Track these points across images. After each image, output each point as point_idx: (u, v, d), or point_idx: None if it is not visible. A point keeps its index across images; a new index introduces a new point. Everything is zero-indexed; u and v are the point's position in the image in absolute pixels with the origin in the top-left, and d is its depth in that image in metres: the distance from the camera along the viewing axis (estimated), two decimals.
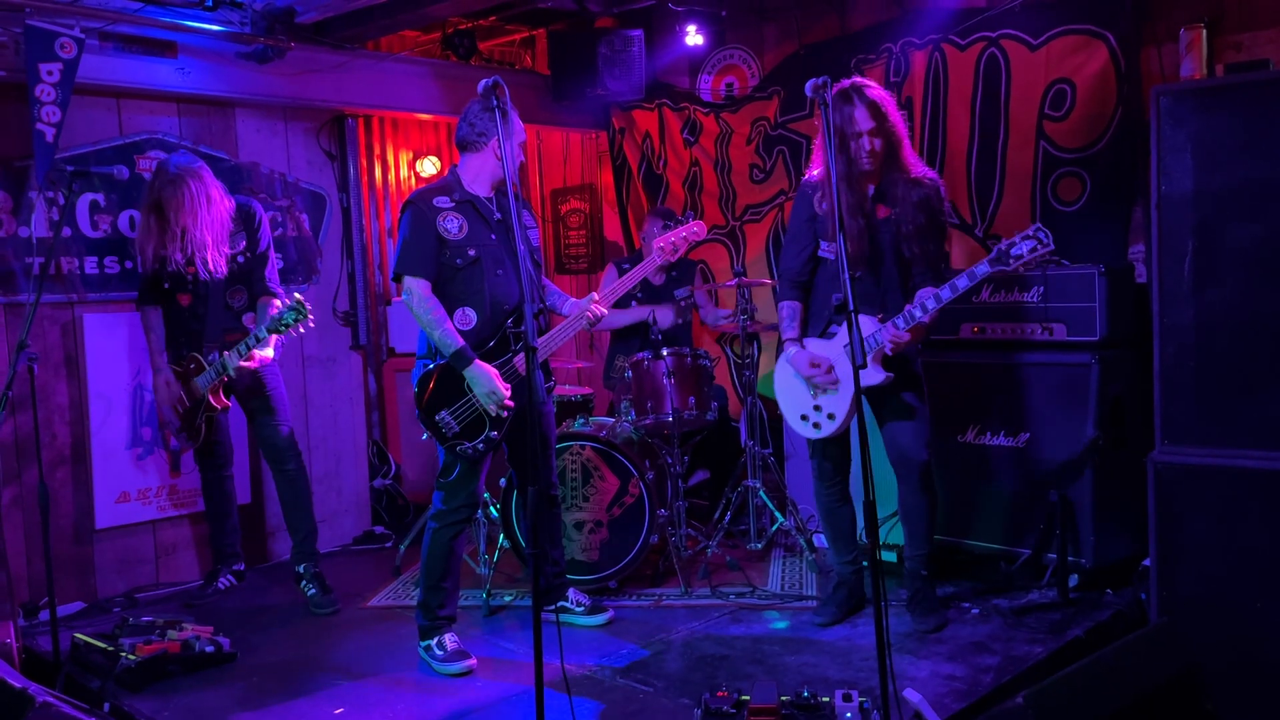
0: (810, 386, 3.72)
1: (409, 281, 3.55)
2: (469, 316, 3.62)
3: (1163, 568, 3.38)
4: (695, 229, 3.95)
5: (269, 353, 4.27)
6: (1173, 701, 2.77)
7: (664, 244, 3.91)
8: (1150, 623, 3.42)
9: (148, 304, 4.38)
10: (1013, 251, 3.37)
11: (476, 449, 3.59)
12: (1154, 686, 2.73)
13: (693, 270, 5.49)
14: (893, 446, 3.71)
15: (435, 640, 3.64)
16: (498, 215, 3.67)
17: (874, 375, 3.57)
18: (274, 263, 4.42)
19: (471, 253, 3.58)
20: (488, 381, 3.50)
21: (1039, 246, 3.35)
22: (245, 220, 4.33)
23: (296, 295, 4.05)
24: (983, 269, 3.42)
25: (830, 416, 3.69)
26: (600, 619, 3.95)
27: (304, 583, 4.38)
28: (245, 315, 4.34)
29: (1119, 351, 3.97)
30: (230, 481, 4.65)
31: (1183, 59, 3.66)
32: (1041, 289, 4.06)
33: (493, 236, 3.63)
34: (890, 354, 3.53)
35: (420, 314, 3.54)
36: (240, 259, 4.30)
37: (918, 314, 3.48)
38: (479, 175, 3.65)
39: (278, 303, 4.24)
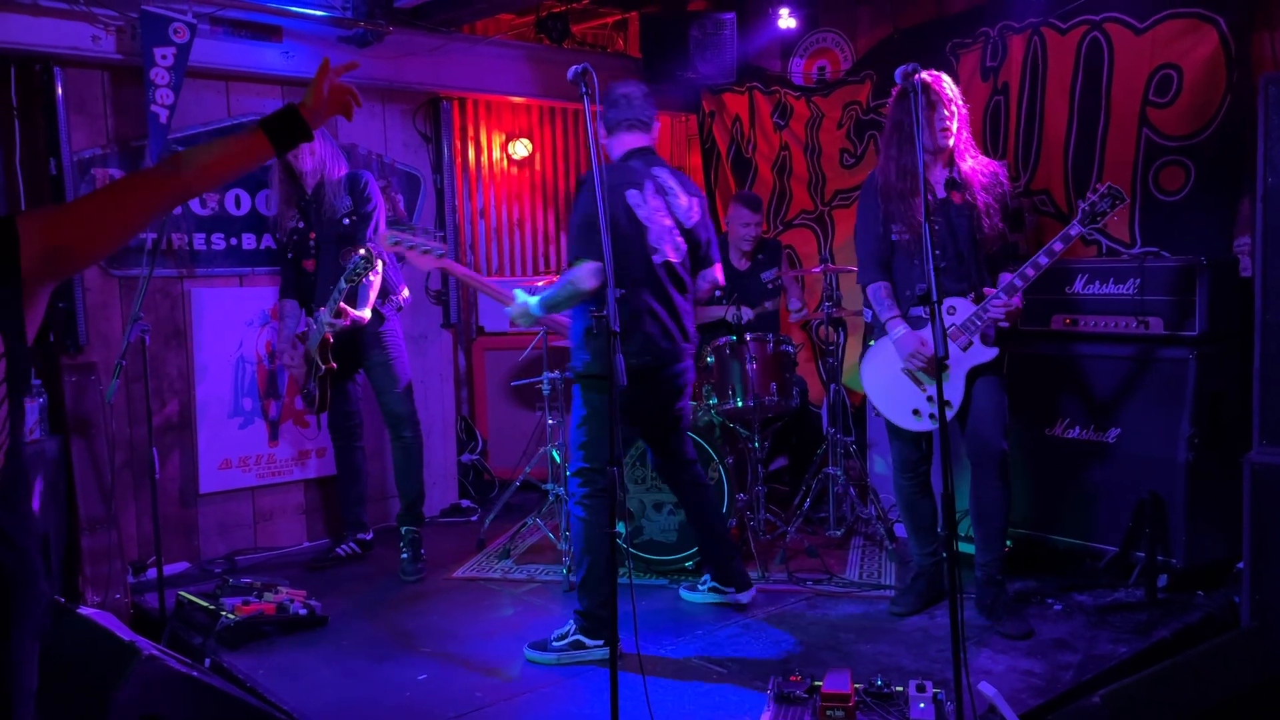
0: (916, 377, 3.65)
1: None
2: None
3: (1256, 571, 3.28)
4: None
5: (365, 313, 4.30)
6: (1261, 709, 2.70)
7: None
8: (1242, 627, 3.33)
9: (286, 297, 4.64)
10: (1096, 209, 3.45)
11: None
12: (1241, 693, 2.66)
13: (779, 252, 5.47)
14: (974, 436, 3.64)
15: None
16: None
17: (984, 353, 3.58)
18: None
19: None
20: None
21: (1116, 201, 3.44)
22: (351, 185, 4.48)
23: (367, 245, 4.17)
24: (1075, 229, 3.46)
25: (948, 403, 3.60)
26: (699, 597, 3.99)
27: (402, 544, 4.54)
28: None
29: (1219, 347, 3.84)
30: (361, 454, 4.82)
31: None
32: (1138, 281, 3.95)
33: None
34: (1006, 325, 3.58)
35: None
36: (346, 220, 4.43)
37: (1018, 283, 3.49)
38: None
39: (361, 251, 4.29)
